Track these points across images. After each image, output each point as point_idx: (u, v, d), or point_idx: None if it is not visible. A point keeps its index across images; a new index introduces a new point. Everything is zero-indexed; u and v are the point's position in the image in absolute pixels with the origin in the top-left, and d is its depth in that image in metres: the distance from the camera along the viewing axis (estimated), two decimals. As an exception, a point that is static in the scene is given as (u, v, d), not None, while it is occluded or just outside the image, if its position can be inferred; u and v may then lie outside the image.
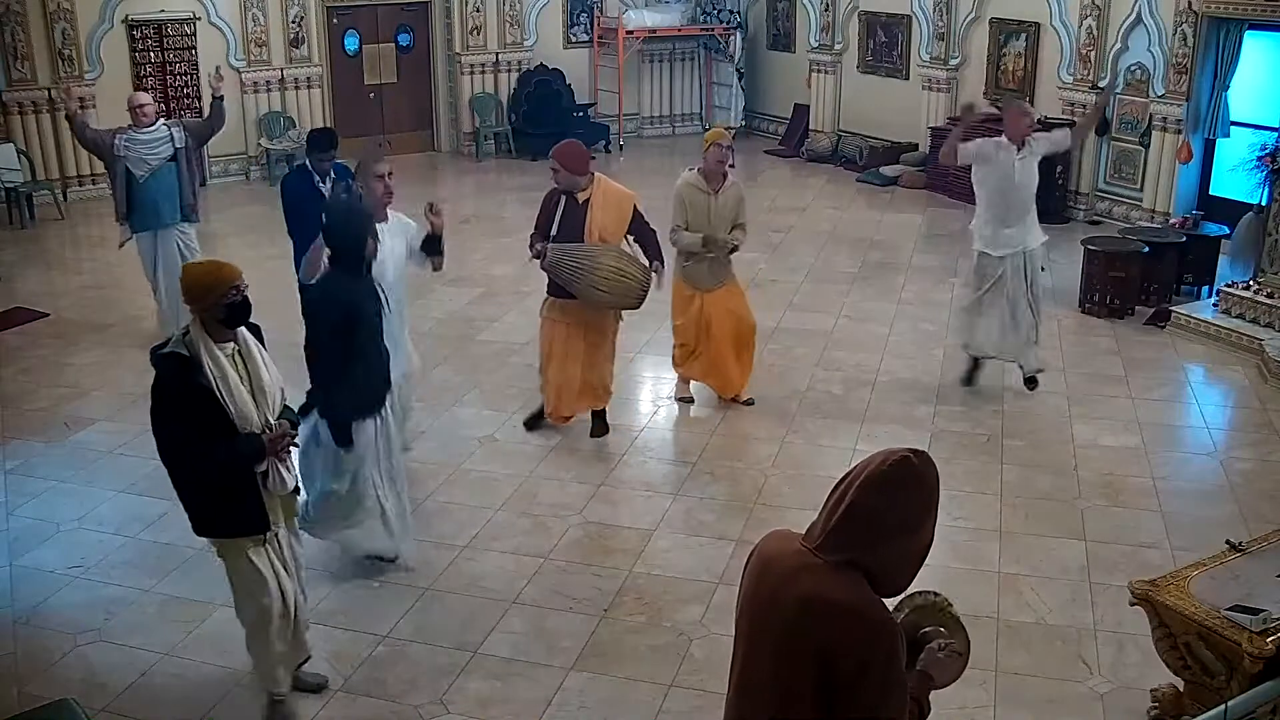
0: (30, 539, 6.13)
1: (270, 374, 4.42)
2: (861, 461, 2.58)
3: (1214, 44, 11.21)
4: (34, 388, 8.21)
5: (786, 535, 2.69)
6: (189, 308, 4.29)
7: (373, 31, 15.84)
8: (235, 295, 4.25)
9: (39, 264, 11.42)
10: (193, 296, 4.27)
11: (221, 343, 4.28)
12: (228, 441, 4.24)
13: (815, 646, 2.48)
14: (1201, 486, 6.73)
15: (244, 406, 4.27)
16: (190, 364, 4.21)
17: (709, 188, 7.34)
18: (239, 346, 4.34)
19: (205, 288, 4.26)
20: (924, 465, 2.54)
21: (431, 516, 6.36)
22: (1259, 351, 8.47)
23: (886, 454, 2.54)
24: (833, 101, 16.22)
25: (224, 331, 4.29)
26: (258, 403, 4.32)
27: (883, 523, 2.51)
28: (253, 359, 4.37)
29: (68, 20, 13.37)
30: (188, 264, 4.43)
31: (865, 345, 8.92)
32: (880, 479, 2.50)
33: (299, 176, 7.41)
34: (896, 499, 2.51)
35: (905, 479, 2.51)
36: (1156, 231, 10.42)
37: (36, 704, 4.53)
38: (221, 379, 4.23)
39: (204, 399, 4.20)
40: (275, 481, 4.37)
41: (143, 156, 8.44)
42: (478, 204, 14.18)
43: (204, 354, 4.22)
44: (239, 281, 4.28)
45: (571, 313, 6.92)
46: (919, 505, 2.54)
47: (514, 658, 5.13)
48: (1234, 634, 4.02)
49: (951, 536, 6.10)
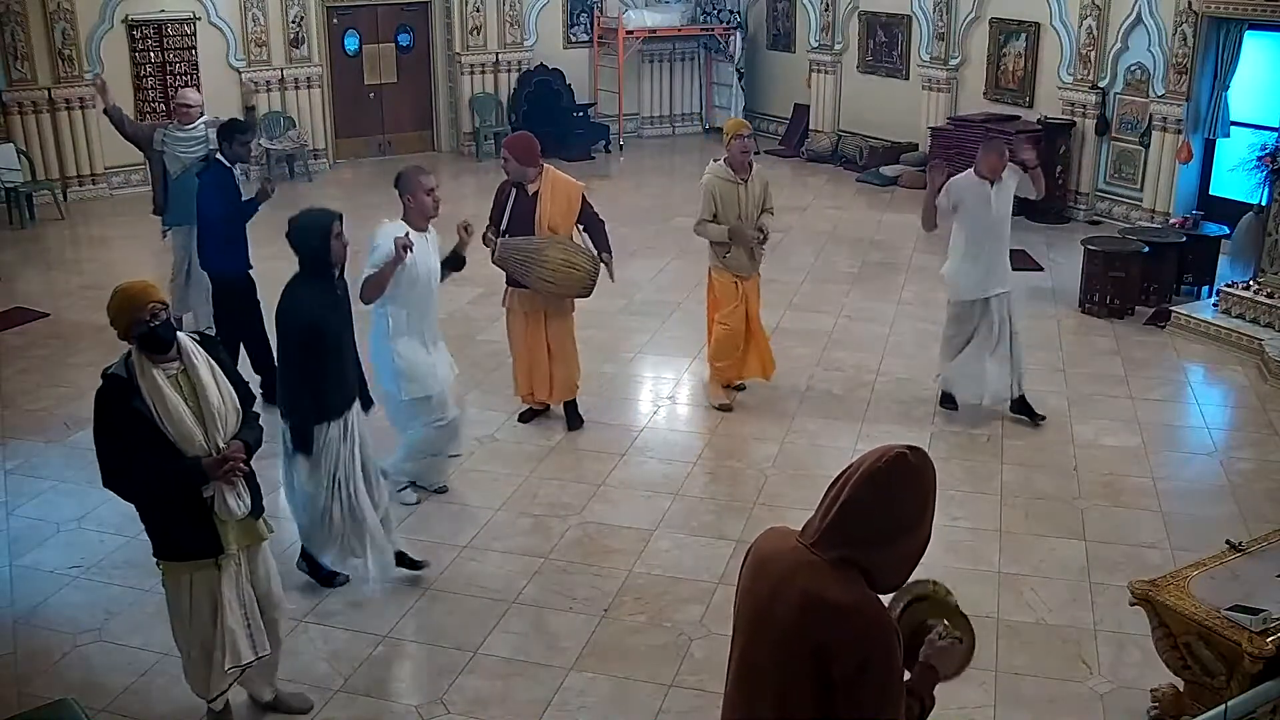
0: (30, 539, 6.14)
1: (221, 394, 4.23)
2: (859, 458, 2.58)
3: (1214, 44, 11.21)
4: (34, 388, 8.21)
5: (784, 532, 2.69)
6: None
7: (373, 31, 15.84)
8: (142, 326, 4.08)
9: (39, 264, 11.43)
10: (111, 323, 4.14)
11: (163, 364, 4.13)
12: (160, 464, 4.09)
13: (812, 644, 2.47)
14: (1201, 486, 6.73)
15: (183, 429, 4.10)
16: (127, 386, 4.09)
17: (737, 177, 7.37)
18: (184, 366, 4.18)
19: (116, 316, 4.13)
20: (920, 462, 2.53)
21: (431, 516, 6.36)
22: (1259, 351, 8.47)
23: (883, 450, 2.54)
24: (833, 101, 16.22)
25: (159, 354, 4.13)
26: (205, 425, 4.15)
27: (879, 520, 2.50)
28: (200, 380, 4.17)
29: (68, 20, 13.38)
30: (114, 288, 4.23)
31: (865, 345, 8.92)
32: (876, 476, 2.49)
33: (217, 170, 7.61)
34: (893, 496, 2.50)
35: (901, 476, 2.50)
36: (1156, 231, 10.42)
37: (36, 704, 4.53)
38: (160, 402, 4.08)
39: (140, 422, 4.07)
40: (222, 506, 4.20)
41: (178, 154, 8.56)
42: (478, 204, 14.10)
43: (140, 376, 4.09)
44: (145, 311, 4.07)
45: (529, 301, 7.11)
46: (915, 502, 2.53)
47: (514, 658, 5.13)
48: (1234, 634, 4.02)
49: (951, 536, 6.10)
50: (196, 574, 4.31)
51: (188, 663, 4.50)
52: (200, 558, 4.28)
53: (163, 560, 4.37)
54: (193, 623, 4.37)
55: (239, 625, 4.34)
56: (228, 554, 4.29)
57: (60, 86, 13.41)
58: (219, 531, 4.25)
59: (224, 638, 4.31)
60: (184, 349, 4.21)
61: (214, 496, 4.20)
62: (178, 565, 4.33)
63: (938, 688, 2.78)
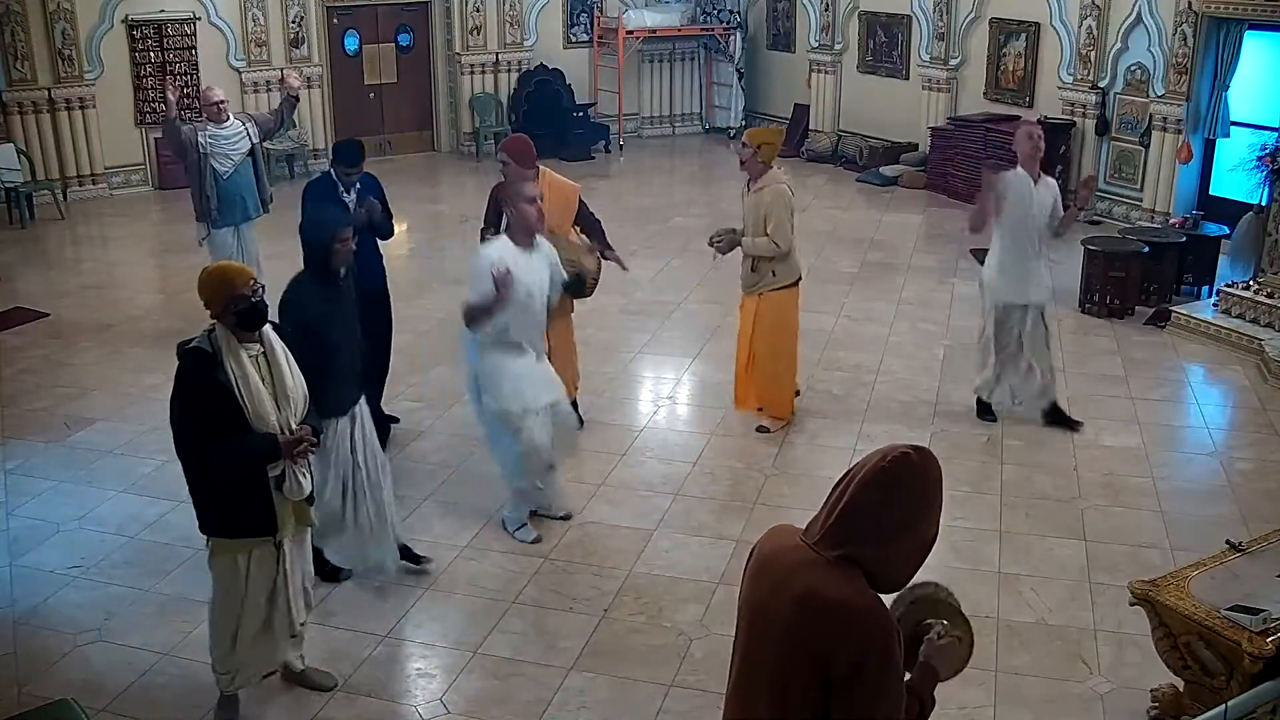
0: (30, 539, 6.13)
1: (294, 379, 4.41)
2: (864, 458, 2.58)
3: (1214, 44, 11.21)
4: (34, 388, 8.21)
5: (787, 531, 2.69)
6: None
7: (373, 31, 15.85)
8: (244, 302, 4.23)
9: (39, 264, 11.42)
10: (205, 301, 4.28)
11: (246, 344, 4.28)
12: (242, 437, 4.23)
13: (812, 643, 2.47)
14: (1201, 486, 6.73)
15: (261, 408, 4.25)
16: (211, 360, 4.22)
17: (746, 187, 7.17)
18: (264, 349, 4.34)
19: (214, 293, 4.25)
20: (924, 461, 2.54)
21: (431, 516, 6.36)
22: (1259, 351, 8.47)
23: (887, 450, 2.54)
24: (833, 101, 16.22)
25: (247, 333, 4.29)
26: (279, 406, 4.31)
27: (882, 519, 2.50)
28: (277, 363, 4.36)
29: (68, 20, 13.37)
30: (205, 268, 4.39)
31: (865, 345, 8.92)
32: (880, 475, 2.50)
33: (323, 184, 7.19)
34: (896, 496, 2.50)
35: (905, 475, 2.51)
36: (1156, 231, 10.42)
37: (36, 704, 4.52)
38: (242, 379, 4.23)
39: (222, 397, 4.20)
40: (291, 485, 4.36)
41: (226, 152, 8.53)
42: (477, 204, 14.12)
43: (226, 353, 4.23)
44: (247, 288, 4.24)
45: None
46: (919, 502, 2.54)
47: (514, 658, 5.13)
48: (1234, 634, 4.02)
49: (951, 536, 6.10)
50: (256, 551, 4.43)
51: (228, 651, 4.56)
52: (254, 535, 4.39)
53: (215, 538, 4.44)
54: (246, 604, 4.47)
55: (299, 593, 4.61)
56: (284, 535, 4.45)
57: (60, 86, 13.40)
58: (277, 513, 4.39)
59: (289, 607, 4.55)
60: (264, 332, 4.36)
61: (282, 474, 4.33)
62: (231, 544, 4.41)
63: (938, 688, 2.77)
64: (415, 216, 13.25)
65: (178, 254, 11.57)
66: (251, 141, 8.59)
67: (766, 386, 7.35)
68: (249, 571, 4.44)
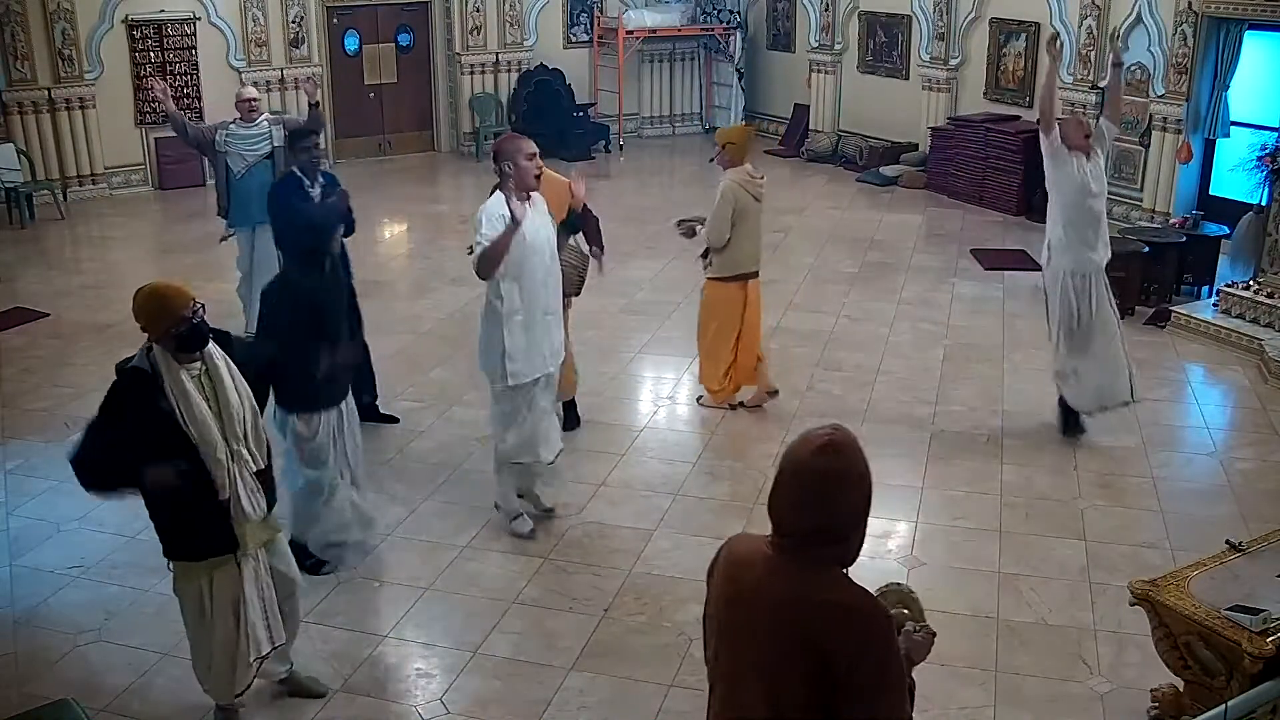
0: (30, 539, 6.14)
1: (239, 393, 4.22)
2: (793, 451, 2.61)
3: (1214, 44, 11.20)
4: (34, 388, 8.21)
5: (751, 538, 2.75)
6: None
7: (373, 31, 15.85)
8: (183, 326, 4.03)
9: (39, 264, 11.43)
10: (142, 326, 4.08)
11: (187, 364, 4.11)
12: (144, 467, 4.06)
13: (809, 647, 2.48)
14: (1201, 486, 6.73)
15: (206, 431, 4.08)
16: (151, 383, 4.06)
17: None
18: (206, 367, 4.16)
19: (151, 318, 4.06)
20: (846, 435, 2.59)
21: (431, 516, 6.36)
22: (1259, 351, 8.47)
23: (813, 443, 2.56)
24: (833, 101, 16.22)
25: (187, 355, 4.11)
26: (223, 424, 4.13)
27: (846, 508, 2.55)
28: (220, 380, 4.16)
29: (68, 20, 13.38)
30: (139, 289, 4.13)
31: (865, 345, 8.92)
32: (828, 470, 2.54)
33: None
34: (849, 483, 2.55)
35: (848, 461, 2.55)
36: (1156, 231, 10.42)
37: (36, 704, 4.52)
38: (185, 403, 4.06)
39: (162, 421, 4.04)
40: (236, 512, 4.20)
41: (241, 152, 8.51)
42: (477, 204, 14.11)
43: (166, 374, 4.06)
44: (187, 310, 4.03)
45: None
46: (865, 476, 2.58)
47: (514, 658, 5.13)
48: (1234, 634, 4.02)
49: (951, 536, 6.10)
50: (217, 573, 4.30)
51: (207, 670, 4.50)
52: (217, 555, 4.27)
53: (176, 561, 4.34)
54: (216, 625, 4.36)
55: (259, 619, 4.38)
56: (245, 554, 4.30)
57: (60, 86, 13.41)
58: (236, 531, 4.26)
59: (247, 632, 4.35)
60: (206, 350, 4.18)
61: (230, 500, 4.19)
62: (194, 566, 4.30)
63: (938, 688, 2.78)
64: (415, 217, 13.26)
65: (178, 254, 11.59)
66: (274, 145, 8.49)
67: (703, 361, 7.79)
68: (212, 595, 4.31)
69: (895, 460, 6.98)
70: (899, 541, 6.08)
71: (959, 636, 5.24)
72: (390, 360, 8.26)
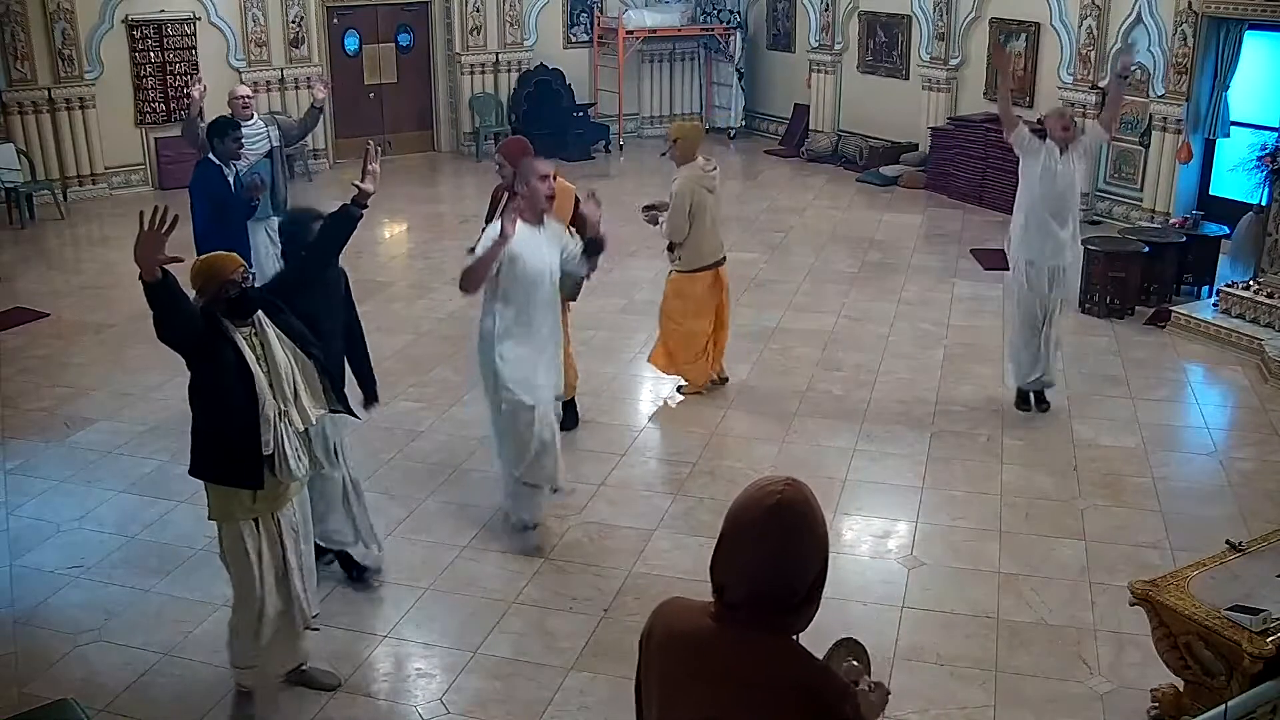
0: (30, 539, 6.13)
1: (287, 355, 4.44)
2: (742, 510, 2.33)
3: (1214, 44, 11.21)
4: (34, 388, 8.21)
5: (692, 606, 2.49)
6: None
7: (373, 31, 15.85)
8: (234, 288, 4.29)
9: (39, 264, 11.43)
10: (198, 288, 4.34)
11: (240, 326, 4.34)
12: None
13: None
14: (1201, 486, 6.73)
15: (260, 384, 4.30)
16: (220, 324, 4.29)
17: None
18: (255, 330, 4.39)
19: (206, 279, 4.33)
20: (800, 489, 2.32)
21: (431, 516, 6.36)
22: (1259, 351, 8.47)
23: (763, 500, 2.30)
24: (833, 101, 16.21)
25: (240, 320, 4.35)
26: (272, 385, 4.35)
27: (802, 571, 2.30)
28: (269, 343, 4.39)
29: (68, 20, 13.37)
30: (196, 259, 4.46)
31: (865, 345, 8.92)
32: (781, 528, 2.27)
33: (206, 170, 7.46)
34: (801, 549, 2.29)
35: (801, 516, 2.29)
36: (1156, 231, 10.42)
37: (36, 704, 4.52)
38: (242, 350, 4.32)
39: (234, 352, 4.26)
40: (281, 466, 4.36)
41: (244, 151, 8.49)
42: (478, 204, 14.14)
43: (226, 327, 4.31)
44: (235, 275, 4.30)
45: None
46: (822, 539, 2.33)
47: (514, 658, 5.13)
48: (1234, 634, 4.02)
49: (951, 536, 6.10)
50: (260, 524, 4.46)
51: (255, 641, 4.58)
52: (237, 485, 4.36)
53: (207, 482, 4.43)
54: (264, 587, 4.49)
55: (300, 590, 4.61)
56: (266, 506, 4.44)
57: (60, 86, 13.40)
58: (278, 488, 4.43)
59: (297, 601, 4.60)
60: (256, 316, 4.40)
61: (274, 455, 4.32)
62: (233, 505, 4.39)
63: (938, 688, 2.75)
64: (415, 217, 13.26)
65: (178, 254, 11.56)
66: (271, 144, 8.50)
67: (673, 350, 7.87)
68: (260, 548, 4.45)
69: (895, 460, 6.98)
70: (899, 541, 6.09)
71: (959, 636, 5.24)
72: (390, 360, 8.26)
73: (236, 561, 4.50)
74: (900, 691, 4.86)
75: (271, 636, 4.61)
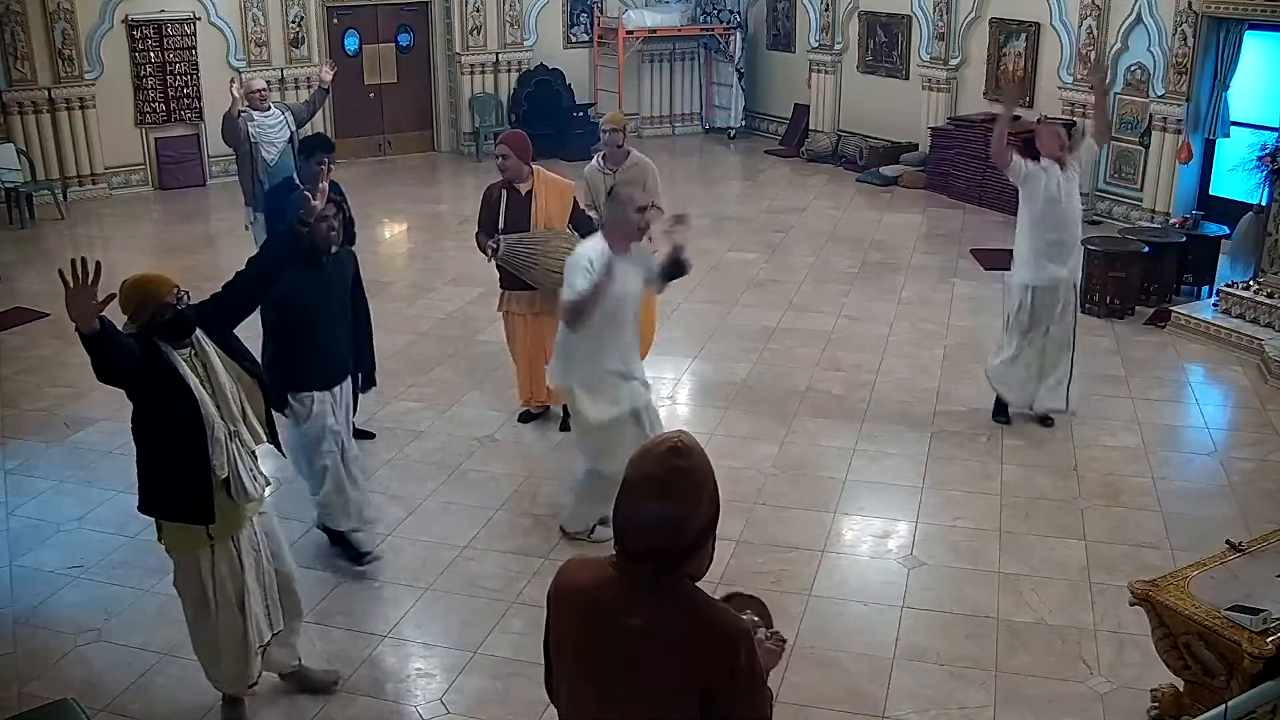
0: (30, 539, 6.13)
1: (229, 372, 4.25)
2: (636, 466, 2.50)
3: (1214, 44, 11.21)
4: (34, 388, 8.21)
5: (592, 562, 2.64)
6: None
7: (373, 31, 15.85)
8: (169, 310, 4.06)
9: (39, 264, 11.41)
10: (129, 314, 4.09)
11: (179, 348, 4.14)
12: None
13: (688, 677, 2.46)
14: (1201, 486, 6.72)
15: (207, 407, 4.12)
16: (155, 346, 4.07)
17: (608, 168, 7.98)
18: (195, 350, 4.19)
19: (138, 306, 4.08)
20: (691, 443, 2.50)
21: (431, 516, 6.36)
22: (1259, 351, 8.47)
23: (655, 453, 2.48)
24: (833, 101, 16.21)
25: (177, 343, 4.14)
26: (218, 405, 4.17)
27: (693, 521, 2.47)
28: (211, 364, 4.20)
29: (68, 20, 13.37)
30: (125, 278, 4.18)
31: (865, 345, 8.92)
32: (674, 481, 2.45)
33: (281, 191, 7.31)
34: (699, 491, 2.47)
35: (693, 469, 2.47)
36: (1156, 231, 10.42)
37: (36, 704, 4.52)
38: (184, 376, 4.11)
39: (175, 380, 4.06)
40: (237, 488, 4.22)
41: (272, 140, 8.85)
42: (478, 204, 14.14)
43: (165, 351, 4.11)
44: (169, 298, 4.06)
45: (526, 303, 7.06)
46: (711, 483, 2.50)
47: (514, 658, 5.12)
48: (1234, 634, 4.02)
49: (951, 536, 6.10)
50: (219, 562, 4.34)
51: (215, 663, 4.53)
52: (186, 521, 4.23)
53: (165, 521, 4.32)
54: (220, 616, 4.39)
55: (260, 608, 4.47)
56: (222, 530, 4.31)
57: (60, 86, 13.40)
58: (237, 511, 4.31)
59: (252, 620, 4.43)
60: (194, 336, 4.21)
61: (228, 478, 4.20)
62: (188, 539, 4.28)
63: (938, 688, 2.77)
64: (415, 217, 13.26)
65: (178, 254, 11.58)
66: (290, 129, 8.87)
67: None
68: (215, 585, 4.33)
69: (895, 460, 6.98)
70: (899, 541, 6.08)
71: (959, 636, 5.24)
72: (390, 360, 8.25)
73: (189, 590, 4.40)
74: (900, 691, 4.87)
75: (232, 655, 4.49)
